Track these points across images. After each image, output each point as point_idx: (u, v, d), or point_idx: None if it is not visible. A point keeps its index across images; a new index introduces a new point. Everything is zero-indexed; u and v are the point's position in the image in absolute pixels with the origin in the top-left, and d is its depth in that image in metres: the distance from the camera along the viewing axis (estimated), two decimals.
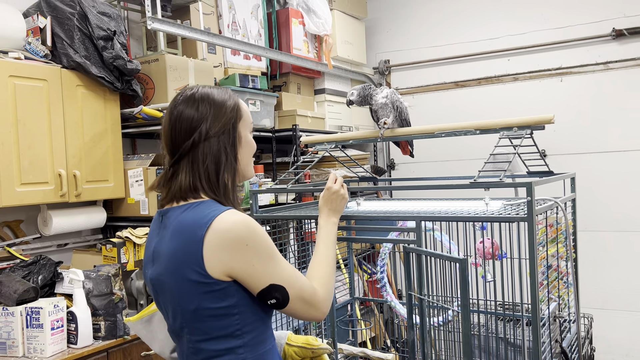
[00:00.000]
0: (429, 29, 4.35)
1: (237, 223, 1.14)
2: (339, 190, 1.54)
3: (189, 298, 1.15)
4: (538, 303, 1.56)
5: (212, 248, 1.13)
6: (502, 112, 4.00)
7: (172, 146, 1.23)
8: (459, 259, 1.48)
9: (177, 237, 1.17)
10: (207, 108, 1.23)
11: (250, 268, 1.14)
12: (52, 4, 2.53)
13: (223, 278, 1.14)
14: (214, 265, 1.13)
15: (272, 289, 1.17)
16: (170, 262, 1.17)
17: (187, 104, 1.24)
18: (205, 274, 1.13)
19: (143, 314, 1.40)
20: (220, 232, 1.13)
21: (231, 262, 1.13)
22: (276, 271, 1.18)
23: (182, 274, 1.15)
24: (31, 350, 2.07)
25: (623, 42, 3.65)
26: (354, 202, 2.06)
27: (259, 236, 1.16)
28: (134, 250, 2.50)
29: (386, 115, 2.06)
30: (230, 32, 3.37)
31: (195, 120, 1.22)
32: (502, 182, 1.58)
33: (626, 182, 3.67)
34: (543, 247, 1.77)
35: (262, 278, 1.16)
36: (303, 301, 1.22)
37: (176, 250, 1.16)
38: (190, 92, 1.26)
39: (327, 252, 1.39)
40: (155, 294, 1.26)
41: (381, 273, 2.51)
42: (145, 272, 1.28)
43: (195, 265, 1.13)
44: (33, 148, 2.36)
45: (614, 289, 3.74)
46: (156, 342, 1.39)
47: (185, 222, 1.17)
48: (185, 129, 1.22)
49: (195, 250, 1.13)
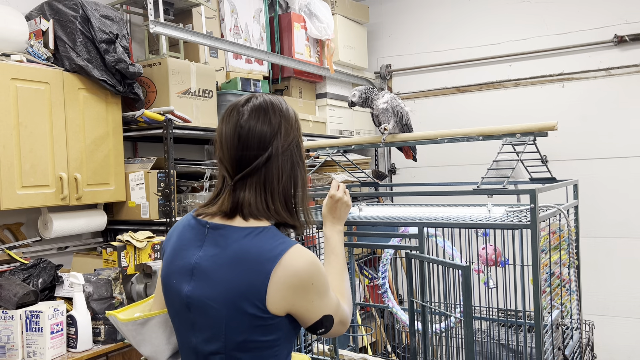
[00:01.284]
0: (431, 34, 4.35)
1: (307, 263, 1.11)
2: (342, 198, 1.52)
3: (240, 330, 1.11)
4: (541, 310, 1.55)
5: (278, 285, 1.09)
6: (504, 117, 4.00)
7: (240, 161, 1.15)
8: (462, 266, 1.48)
9: (240, 267, 1.10)
10: (279, 120, 1.17)
11: (309, 304, 1.13)
12: (54, 7, 2.53)
13: (280, 314, 1.12)
14: (276, 302, 1.10)
15: (324, 319, 1.17)
16: (227, 292, 1.10)
17: (258, 116, 1.16)
18: (264, 309, 1.10)
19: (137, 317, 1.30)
20: (290, 270, 1.09)
21: (294, 301, 1.11)
22: (328, 303, 1.17)
23: (239, 306, 1.10)
24: (30, 354, 2.06)
25: (625, 48, 3.65)
26: (356, 208, 2.05)
27: (322, 275, 1.14)
28: (134, 254, 2.49)
29: (387, 121, 2.05)
30: (233, 36, 3.37)
31: (269, 134, 1.15)
32: (506, 189, 1.58)
33: (629, 189, 3.67)
34: (546, 254, 1.76)
35: (318, 312, 1.15)
36: (341, 323, 1.22)
37: (237, 281, 1.10)
38: (257, 102, 1.19)
39: (339, 264, 1.37)
40: (186, 309, 1.17)
41: (383, 279, 2.51)
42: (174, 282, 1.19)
43: (256, 300, 1.09)
44: (34, 151, 2.36)
45: (615, 296, 3.73)
46: (147, 345, 1.31)
47: (250, 252, 1.11)
48: (258, 144, 1.15)
49: (259, 285, 1.09)
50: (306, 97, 3.89)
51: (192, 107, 2.88)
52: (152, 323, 1.31)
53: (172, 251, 1.23)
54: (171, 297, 1.22)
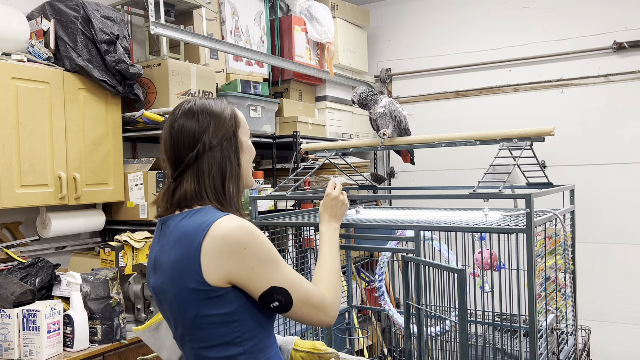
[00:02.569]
0: (431, 38, 4.36)
1: (234, 228, 1.14)
2: (338, 196, 1.55)
3: (188, 306, 1.16)
4: (536, 315, 1.55)
5: (209, 255, 1.13)
6: (503, 122, 4.02)
7: (175, 159, 1.24)
8: (457, 269, 1.48)
9: (177, 246, 1.17)
10: (207, 119, 1.25)
11: (249, 272, 1.14)
12: (56, 7, 2.54)
13: (222, 284, 1.14)
14: (212, 272, 1.13)
15: (274, 291, 1.16)
16: (171, 271, 1.18)
17: (187, 117, 1.25)
18: (204, 282, 1.13)
19: (151, 322, 1.41)
20: (217, 237, 1.13)
21: (230, 268, 1.13)
22: (277, 274, 1.17)
23: (182, 283, 1.15)
24: (27, 353, 2.06)
25: (624, 54, 3.67)
26: (354, 210, 2.06)
27: (257, 240, 1.16)
28: (132, 254, 2.49)
29: (385, 126, 2.06)
30: (233, 38, 3.38)
31: (197, 132, 1.23)
32: (501, 194, 1.59)
33: (627, 195, 3.68)
34: (541, 258, 1.77)
35: (262, 281, 1.16)
36: (310, 305, 1.22)
37: (175, 259, 1.17)
38: (188, 105, 1.27)
39: (331, 258, 1.40)
40: (159, 302, 1.27)
41: (379, 282, 2.51)
42: (149, 280, 1.29)
43: (193, 274, 1.13)
44: (34, 150, 2.36)
45: (612, 301, 3.74)
46: (164, 350, 1.40)
47: (183, 230, 1.18)
48: (188, 142, 1.23)
49: (193, 258, 1.13)
50: (306, 99, 3.90)
51: None
52: (163, 327, 1.40)
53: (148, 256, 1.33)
54: (153, 297, 1.30)
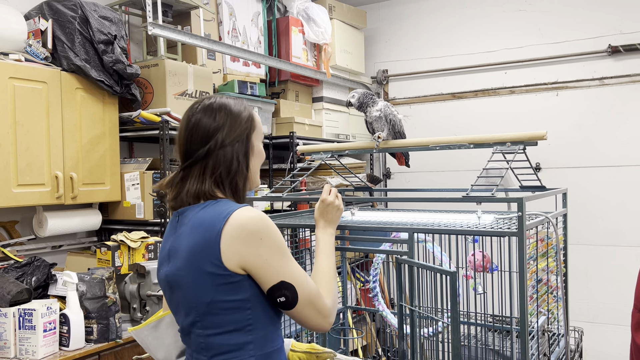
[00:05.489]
0: (428, 40, 4.38)
1: (253, 218, 1.19)
2: (333, 202, 1.56)
3: (205, 290, 1.20)
4: (527, 316, 1.58)
5: (229, 240, 1.18)
6: (498, 124, 4.04)
7: (186, 151, 1.28)
8: (450, 271, 1.50)
9: (196, 232, 1.21)
10: (224, 118, 1.28)
11: (263, 262, 1.19)
12: (54, 7, 2.55)
13: (238, 271, 1.19)
14: (230, 258, 1.18)
15: (282, 286, 1.21)
16: (189, 256, 1.21)
17: (205, 113, 1.28)
18: (222, 266, 1.18)
19: (150, 320, 1.42)
20: (237, 225, 1.18)
21: (246, 255, 1.18)
22: (287, 269, 1.22)
23: (200, 267, 1.19)
24: (23, 352, 2.07)
25: (619, 58, 3.69)
26: (349, 212, 2.08)
27: (272, 232, 1.21)
28: (128, 253, 2.51)
29: (380, 129, 2.08)
30: (230, 38, 3.40)
31: (212, 129, 1.27)
32: (494, 197, 1.60)
33: (620, 197, 3.70)
34: (533, 261, 1.79)
35: (274, 273, 1.20)
36: (312, 306, 1.25)
37: (195, 244, 1.21)
38: (209, 101, 1.31)
39: (328, 264, 1.42)
40: (170, 291, 1.29)
41: (374, 282, 2.53)
42: (160, 271, 1.32)
43: (212, 258, 1.18)
44: (31, 150, 2.37)
45: (605, 303, 3.76)
46: (162, 348, 1.41)
47: (203, 218, 1.22)
48: (202, 137, 1.26)
49: (213, 243, 1.18)
50: (303, 100, 3.92)
51: None
52: (163, 324, 1.42)
53: (160, 250, 1.36)
54: (162, 287, 1.33)
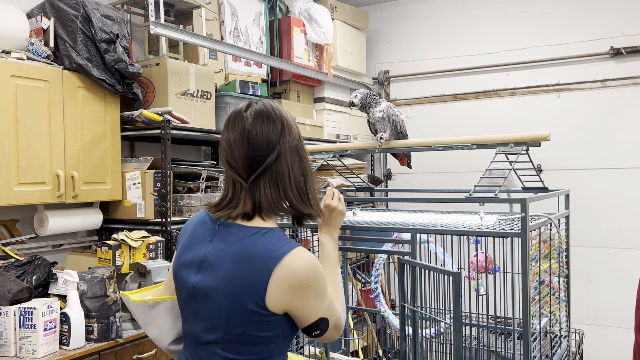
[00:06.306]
0: (429, 41, 4.38)
1: (306, 265, 1.17)
2: (337, 207, 1.55)
3: (239, 323, 1.17)
4: (529, 318, 1.57)
5: (278, 285, 1.15)
6: (499, 125, 4.03)
7: (252, 163, 1.22)
8: (453, 272, 1.50)
9: (243, 263, 1.17)
10: (281, 121, 1.26)
11: (306, 305, 1.19)
12: (56, 5, 2.55)
13: (278, 312, 1.18)
14: (275, 300, 1.16)
15: (320, 322, 1.22)
16: (230, 285, 1.17)
17: (262, 120, 1.24)
18: (264, 306, 1.16)
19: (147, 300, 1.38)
20: (290, 271, 1.15)
21: (292, 300, 1.17)
22: (325, 306, 1.22)
23: (240, 301, 1.16)
24: (23, 351, 2.07)
25: (620, 60, 3.69)
26: (351, 212, 2.07)
27: (321, 278, 1.20)
28: (129, 253, 2.50)
29: (383, 130, 2.08)
30: (232, 38, 3.39)
31: (275, 135, 1.23)
32: (497, 198, 1.60)
33: (621, 199, 3.70)
34: (536, 262, 1.78)
35: (314, 313, 1.20)
36: (335, 327, 1.26)
37: (240, 276, 1.17)
38: (258, 107, 1.27)
39: (333, 271, 1.41)
40: (192, 299, 1.25)
41: (375, 283, 2.52)
42: (184, 272, 1.27)
43: (256, 297, 1.15)
44: (32, 148, 2.37)
45: (606, 305, 3.76)
46: (153, 327, 1.38)
47: (254, 250, 1.18)
48: (267, 145, 1.22)
49: (260, 282, 1.15)
50: (304, 101, 3.91)
51: (190, 108, 2.90)
52: (160, 307, 1.39)
53: (184, 244, 1.31)
54: (180, 286, 1.30)
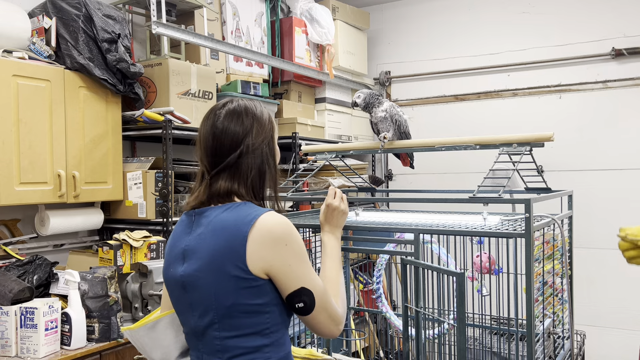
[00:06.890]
0: (430, 42, 4.38)
1: (279, 224, 1.21)
2: (339, 206, 1.55)
3: (227, 293, 1.20)
4: (533, 319, 1.56)
5: (255, 245, 1.19)
6: (501, 126, 4.03)
7: (215, 158, 1.28)
8: (457, 272, 1.49)
9: (220, 234, 1.21)
10: (251, 122, 1.29)
11: (286, 267, 1.20)
12: (57, 5, 2.54)
13: (261, 275, 1.20)
14: (255, 262, 1.19)
15: (302, 292, 1.22)
16: (211, 258, 1.21)
17: (232, 118, 1.29)
18: (246, 270, 1.19)
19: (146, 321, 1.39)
20: (264, 230, 1.19)
21: (271, 260, 1.19)
22: (308, 276, 1.23)
23: (223, 269, 1.19)
24: (24, 351, 2.06)
25: (622, 61, 3.69)
26: (353, 212, 2.07)
27: (296, 238, 1.23)
28: (130, 252, 2.49)
29: (386, 129, 2.08)
30: (234, 38, 3.39)
31: (241, 134, 1.28)
32: (501, 199, 1.60)
33: (623, 200, 3.69)
34: (539, 263, 1.78)
35: (295, 279, 1.21)
36: (326, 313, 1.26)
37: (219, 246, 1.21)
38: (232, 105, 1.31)
39: (335, 269, 1.42)
40: (182, 291, 1.28)
41: (377, 284, 2.52)
42: (169, 271, 1.31)
43: (237, 261, 1.19)
44: (33, 148, 2.36)
45: (607, 307, 3.75)
46: (158, 349, 1.39)
47: (227, 220, 1.22)
48: (231, 142, 1.27)
49: (238, 247, 1.19)
50: (305, 101, 3.91)
51: (191, 108, 2.89)
52: (161, 325, 1.40)
53: (168, 248, 1.35)
54: (171, 287, 1.32)
